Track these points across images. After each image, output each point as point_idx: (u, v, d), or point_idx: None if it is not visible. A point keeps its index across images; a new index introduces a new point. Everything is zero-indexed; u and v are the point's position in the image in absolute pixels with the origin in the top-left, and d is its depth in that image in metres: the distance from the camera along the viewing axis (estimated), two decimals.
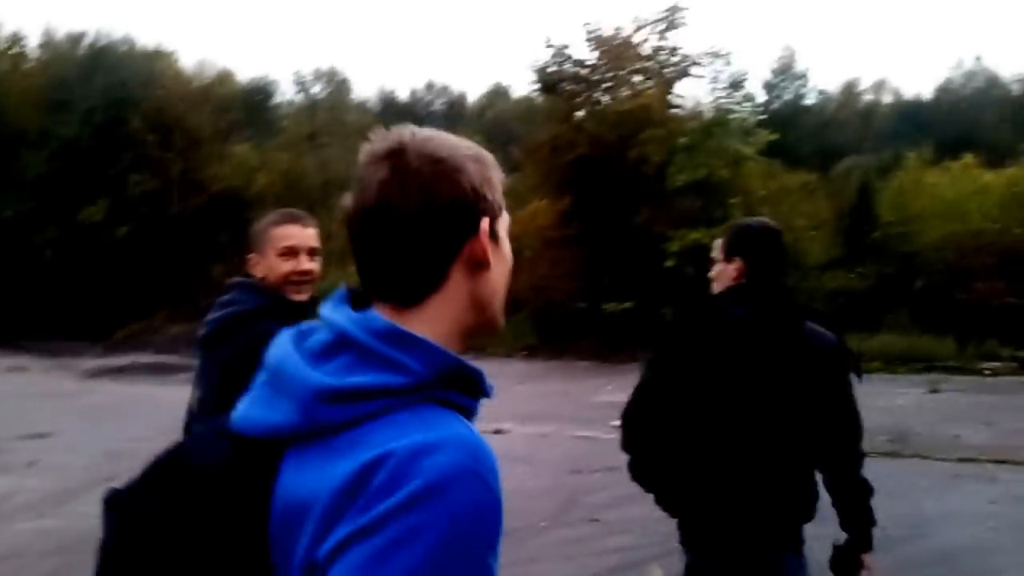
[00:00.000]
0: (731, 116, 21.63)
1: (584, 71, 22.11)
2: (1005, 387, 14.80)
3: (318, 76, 41.16)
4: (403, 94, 53.19)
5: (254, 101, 38.78)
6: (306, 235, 2.43)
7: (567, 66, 22.19)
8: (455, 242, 0.92)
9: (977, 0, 73.83)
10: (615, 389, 10.67)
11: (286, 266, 2.38)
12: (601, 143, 20.42)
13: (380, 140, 0.94)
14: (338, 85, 39.35)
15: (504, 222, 0.99)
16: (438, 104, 51.88)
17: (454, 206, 0.92)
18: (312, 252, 2.43)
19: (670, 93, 21.92)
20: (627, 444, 2.54)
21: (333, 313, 0.91)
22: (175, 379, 14.62)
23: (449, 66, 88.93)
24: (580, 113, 21.91)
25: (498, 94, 46.37)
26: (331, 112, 31.75)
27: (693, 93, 31.89)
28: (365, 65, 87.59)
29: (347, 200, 0.95)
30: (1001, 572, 5.25)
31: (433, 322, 0.91)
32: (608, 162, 20.12)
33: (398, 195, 0.90)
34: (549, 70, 22.32)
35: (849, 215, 23.80)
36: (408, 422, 0.81)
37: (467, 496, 0.75)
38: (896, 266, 21.85)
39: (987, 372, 16.90)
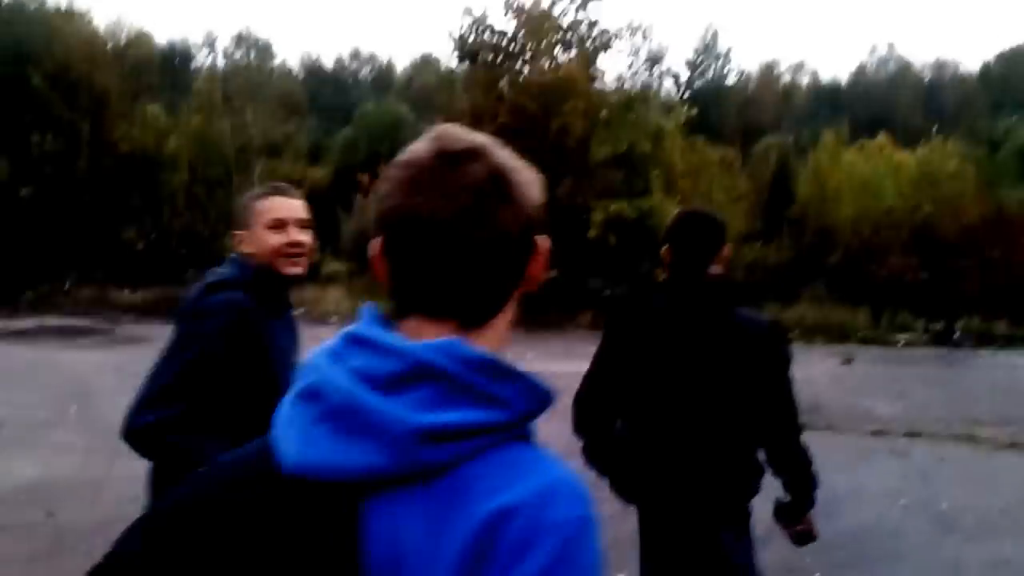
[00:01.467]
0: (651, 91, 21.81)
1: (503, 41, 21.87)
2: (918, 358, 15.25)
3: (239, 40, 39.83)
4: (328, 62, 52.19)
5: (171, 64, 37.33)
6: (293, 206, 2.36)
7: (486, 36, 21.89)
8: (527, 260, 0.87)
9: None
10: (535, 358, 10.58)
11: (276, 238, 2.30)
12: (523, 114, 20.30)
13: (446, 139, 0.84)
14: (260, 50, 38.07)
15: None
16: (364, 72, 50.98)
17: (535, 221, 0.86)
18: (301, 223, 2.35)
19: (591, 66, 21.90)
20: (579, 427, 2.62)
21: (387, 338, 0.79)
22: (81, 343, 14.20)
23: (376, 34, 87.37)
24: (502, 83, 21.71)
25: (426, 64, 45.59)
26: (246, 75, 30.59)
27: (615, 67, 32.06)
28: (289, 31, 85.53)
29: (406, 201, 0.81)
30: (903, 558, 5.10)
31: (490, 345, 0.83)
32: (530, 133, 20.01)
33: (496, 203, 0.82)
34: (469, 39, 22.00)
35: (768, 191, 24.33)
36: (510, 465, 0.76)
37: (590, 551, 0.74)
38: (813, 240, 22.44)
39: (900, 343, 17.45)
